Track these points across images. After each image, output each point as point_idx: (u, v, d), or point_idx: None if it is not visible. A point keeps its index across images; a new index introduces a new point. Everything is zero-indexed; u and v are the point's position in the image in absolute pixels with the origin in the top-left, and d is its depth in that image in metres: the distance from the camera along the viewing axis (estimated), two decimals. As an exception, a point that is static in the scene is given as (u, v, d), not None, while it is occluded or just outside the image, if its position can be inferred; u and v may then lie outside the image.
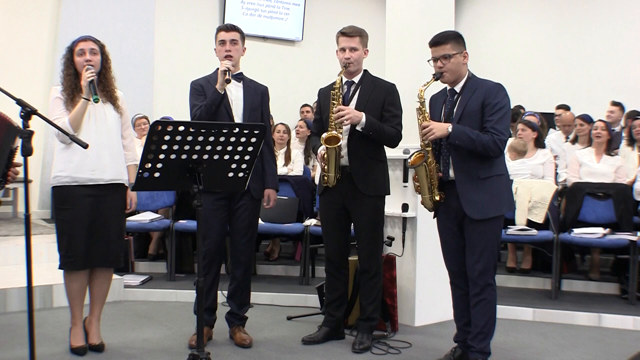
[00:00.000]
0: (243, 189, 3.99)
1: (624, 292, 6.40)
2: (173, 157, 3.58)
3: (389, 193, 5.01)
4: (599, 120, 7.26)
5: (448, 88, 4.41)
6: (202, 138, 3.59)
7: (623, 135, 7.88)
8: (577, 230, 6.37)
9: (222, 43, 4.85)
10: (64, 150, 4.56)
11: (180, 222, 6.95)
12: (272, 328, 5.45)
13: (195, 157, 3.64)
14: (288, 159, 7.94)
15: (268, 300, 6.27)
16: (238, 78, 4.93)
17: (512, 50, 12.20)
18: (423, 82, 4.34)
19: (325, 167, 4.79)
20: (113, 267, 4.85)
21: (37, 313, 3.89)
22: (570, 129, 8.37)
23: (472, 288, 4.32)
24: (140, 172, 3.61)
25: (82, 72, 4.55)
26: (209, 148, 3.64)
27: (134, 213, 7.18)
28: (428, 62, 4.36)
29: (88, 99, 4.47)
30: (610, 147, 7.14)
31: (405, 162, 4.39)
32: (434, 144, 4.34)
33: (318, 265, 6.96)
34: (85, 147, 3.87)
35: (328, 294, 5.14)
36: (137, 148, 7.92)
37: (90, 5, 9.80)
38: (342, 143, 4.76)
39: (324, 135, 4.75)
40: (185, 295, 6.23)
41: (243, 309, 5.05)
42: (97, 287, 4.80)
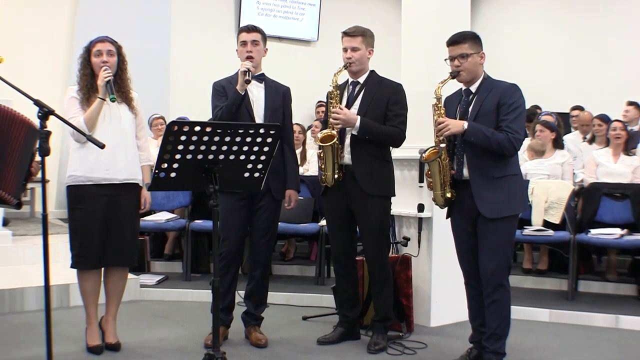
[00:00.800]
0: (259, 189, 4.00)
1: (642, 293, 6.36)
2: (189, 157, 3.59)
3: (394, 194, 4.98)
4: (617, 121, 7.23)
5: (463, 88, 4.40)
6: (218, 138, 3.60)
7: (641, 136, 7.83)
8: (594, 231, 6.34)
9: (243, 44, 4.85)
10: (79, 150, 4.58)
11: (196, 222, 6.97)
12: (287, 328, 5.45)
13: (211, 157, 3.64)
14: (304, 159, 7.94)
15: (283, 300, 6.27)
16: (259, 79, 4.93)
17: (527, 51, 12.15)
18: (439, 82, 4.33)
19: (323, 166, 4.79)
20: (127, 266, 4.88)
21: (54, 312, 3.91)
22: (588, 129, 8.32)
23: (484, 288, 4.30)
24: (157, 172, 3.62)
25: (98, 72, 4.57)
26: (225, 148, 3.65)
27: (149, 213, 7.20)
28: (445, 61, 4.35)
29: (104, 99, 4.49)
30: (628, 147, 7.10)
31: (420, 159, 4.38)
32: (448, 143, 4.34)
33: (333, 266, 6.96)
34: (102, 147, 3.89)
35: (339, 294, 5.15)
36: (153, 148, 8.00)
37: (107, 7, 9.83)
38: (346, 143, 4.78)
39: (319, 135, 4.77)
40: (201, 295, 6.24)
41: (259, 309, 5.05)
42: (112, 286, 4.82)
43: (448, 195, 4.36)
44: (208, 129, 3.56)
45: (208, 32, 11.36)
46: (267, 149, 3.78)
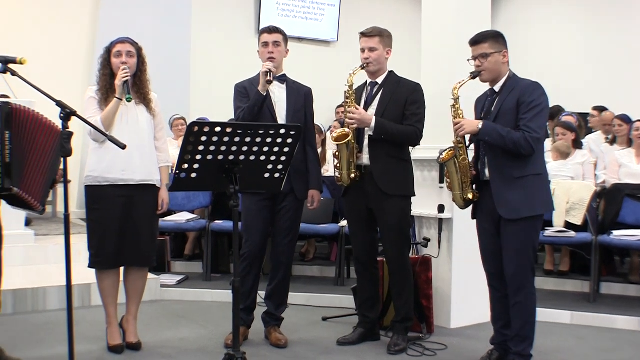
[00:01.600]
0: (279, 190, 4.01)
1: (665, 295, 6.32)
2: (210, 157, 3.60)
3: (414, 194, 4.97)
4: (639, 121, 7.17)
5: (489, 88, 4.38)
6: (238, 139, 3.61)
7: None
8: (616, 233, 6.28)
9: (265, 45, 4.86)
10: (97, 150, 4.61)
11: (217, 222, 6.98)
12: (307, 329, 5.46)
13: (232, 157, 3.65)
14: (324, 160, 7.94)
15: (303, 301, 6.27)
16: (281, 79, 4.94)
17: (550, 50, 12.09)
18: (457, 82, 4.32)
19: (338, 164, 4.79)
20: (145, 266, 4.89)
21: (75, 311, 3.92)
22: (610, 129, 8.26)
23: (509, 290, 4.28)
24: (177, 172, 3.63)
25: (117, 73, 4.60)
26: (246, 149, 3.66)
27: (170, 213, 7.23)
28: (468, 61, 4.34)
29: (121, 99, 4.51)
30: (651, 147, 7.04)
31: (437, 160, 4.37)
32: (474, 143, 4.31)
33: (353, 266, 6.94)
34: (124, 147, 3.91)
35: (360, 294, 5.14)
36: (174, 149, 8.03)
37: (128, 8, 9.88)
38: (364, 143, 4.79)
39: (334, 134, 4.78)
40: (221, 295, 6.25)
41: (280, 310, 5.06)
42: (131, 285, 4.84)
43: (469, 197, 4.34)
44: (228, 130, 3.57)
45: (228, 33, 11.39)
46: (287, 150, 3.78)
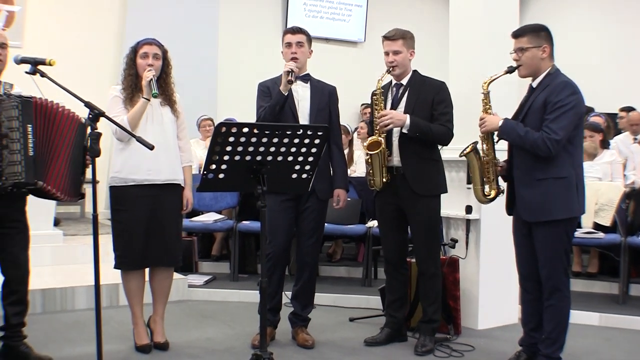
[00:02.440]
0: (306, 190, 4.01)
1: (695, 297, 6.24)
2: (237, 158, 3.61)
3: (446, 191, 4.96)
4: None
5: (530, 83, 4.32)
6: (266, 139, 3.61)
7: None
8: (646, 234, 6.23)
9: (288, 45, 4.87)
10: (122, 151, 4.63)
11: (244, 222, 7.00)
12: (334, 329, 5.45)
13: (259, 158, 3.65)
14: (351, 161, 7.94)
15: (330, 302, 6.27)
16: (305, 79, 4.95)
17: (578, 50, 11.94)
18: (491, 75, 4.29)
19: (371, 170, 4.79)
20: (171, 266, 4.91)
21: (103, 311, 3.96)
22: (638, 129, 8.17)
23: (543, 293, 4.24)
24: (205, 173, 3.64)
25: (142, 74, 4.63)
26: (273, 149, 3.66)
27: (197, 214, 7.26)
28: (510, 54, 4.28)
29: (148, 99, 4.54)
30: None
31: (460, 154, 4.36)
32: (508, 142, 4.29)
33: (380, 267, 6.89)
34: (151, 148, 3.94)
35: (388, 295, 5.12)
36: (201, 149, 8.08)
37: (155, 10, 9.95)
38: (394, 145, 4.79)
39: (366, 143, 4.78)
40: (248, 296, 6.27)
41: (306, 310, 5.06)
42: (157, 286, 4.87)
43: (491, 194, 4.32)
44: (256, 130, 3.58)
45: (255, 34, 11.41)
46: (314, 150, 3.78)
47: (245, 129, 3.55)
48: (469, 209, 5.41)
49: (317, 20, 12.00)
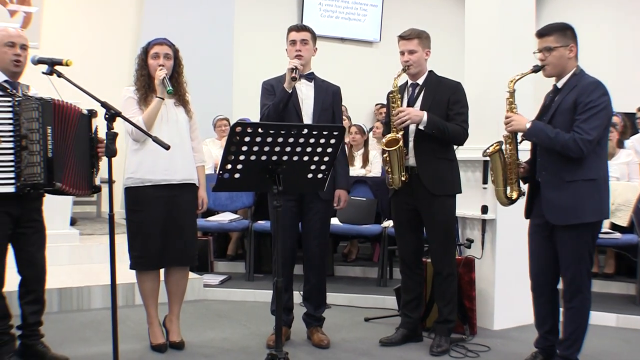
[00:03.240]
0: (322, 190, 4.00)
1: None
2: (253, 158, 3.61)
3: (460, 191, 4.94)
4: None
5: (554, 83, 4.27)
6: (281, 139, 3.60)
7: None
8: (663, 234, 6.18)
9: (292, 43, 4.87)
10: (137, 152, 4.64)
11: (259, 222, 7.00)
12: (349, 329, 5.44)
13: (275, 158, 3.65)
14: (366, 161, 7.93)
15: (346, 302, 6.27)
16: (309, 78, 4.94)
17: (595, 50, 11.88)
18: (503, 81, 4.27)
19: (389, 169, 4.78)
20: (187, 266, 4.93)
21: (119, 310, 3.97)
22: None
23: (564, 294, 4.20)
24: (221, 173, 3.64)
25: (154, 74, 4.64)
26: (289, 149, 3.65)
27: (212, 213, 7.28)
28: (534, 53, 4.24)
29: (162, 98, 4.56)
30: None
31: (486, 163, 4.33)
32: (532, 143, 4.26)
33: (396, 267, 6.90)
34: (167, 148, 3.95)
35: (404, 295, 5.11)
36: (217, 149, 8.09)
37: (171, 10, 9.97)
38: (410, 145, 4.78)
39: (384, 140, 4.77)
40: (264, 295, 6.27)
41: (319, 310, 5.05)
42: (174, 285, 4.88)
43: (513, 196, 4.29)
44: (272, 130, 3.57)
45: (271, 34, 11.39)
46: (330, 150, 3.77)
47: (261, 129, 3.56)
48: (485, 209, 5.40)
49: (332, 20, 12.01)
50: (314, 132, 3.68)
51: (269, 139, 3.58)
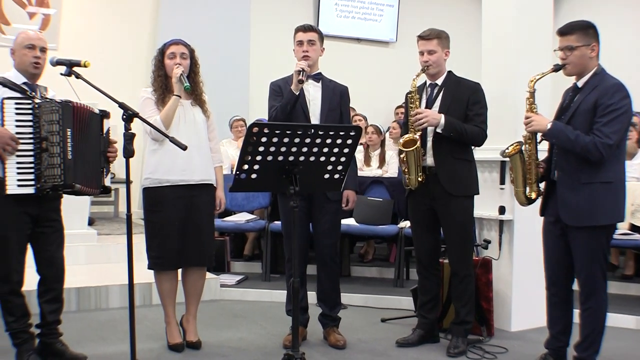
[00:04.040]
0: (339, 190, 4.01)
1: None
2: (269, 158, 3.62)
3: (478, 192, 4.93)
4: None
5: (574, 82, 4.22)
6: (298, 140, 3.61)
7: None
8: (683, 235, 6.13)
9: (299, 44, 4.87)
10: (155, 152, 4.67)
11: (276, 223, 7.00)
12: (366, 330, 5.44)
13: (292, 158, 3.66)
14: (382, 161, 7.92)
15: (362, 302, 6.26)
16: (316, 78, 4.94)
17: (615, 50, 11.80)
18: (521, 81, 4.25)
19: (406, 169, 4.78)
20: (206, 265, 4.94)
21: (137, 310, 4.00)
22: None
23: (579, 295, 4.18)
24: (237, 173, 3.65)
25: (171, 74, 4.66)
26: (305, 150, 3.66)
27: (229, 214, 7.29)
28: (554, 52, 4.21)
29: (179, 96, 4.58)
30: None
31: (503, 164, 4.30)
32: (548, 141, 4.24)
33: (412, 268, 6.88)
34: (184, 148, 3.96)
35: (421, 296, 5.10)
36: (233, 150, 8.10)
37: (188, 11, 10.01)
38: (428, 145, 4.77)
39: (401, 140, 4.77)
40: (280, 296, 6.25)
41: (335, 310, 5.04)
42: (191, 285, 4.89)
43: (532, 195, 4.27)
44: (288, 131, 3.58)
45: (287, 34, 11.36)
46: (347, 150, 3.78)
47: (278, 130, 3.56)
48: (502, 210, 5.38)
49: (348, 20, 12.00)
50: (331, 132, 3.69)
51: (286, 140, 3.59)
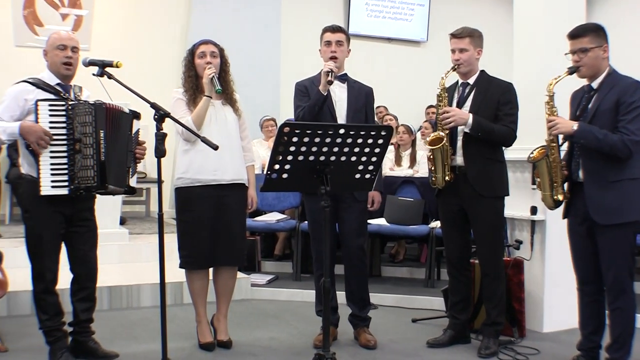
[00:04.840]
0: (370, 190, 4.01)
1: None
2: (301, 158, 3.62)
3: (508, 194, 4.89)
4: None
5: (586, 83, 4.24)
6: (329, 140, 3.61)
7: None
8: None
9: (327, 44, 4.87)
10: (187, 152, 4.69)
11: (306, 222, 6.99)
12: (396, 330, 5.43)
13: (323, 158, 3.66)
14: (413, 161, 7.90)
15: (393, 302, 6.25)
16: (342, 79, 4.94)
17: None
18: (553, 78, 4.22)
19: (432, 168, 4.76)
20: (236, 265, 4.96)
21: (168, 308, 4.01)
22: None
23: (607, 296, 4.16)
24: (269, 173, 3.66)
25: (202, 75, 4.69)
26: (336, 149, 3.66)
27: (259, 213, 7.31)
28: (565, 55, 4.21)
29: (210, 96, 4.59)
30: None
31: (528, 159, 4.28)
32: (568, 143, 4.21)
33: (443, 268, 6.86)
34: (216, 148, 3.98)
35: (451, 296, 5.08)
36: (264, 150, 8.12)
37: (219, 13, 10.05)
38: (458, 144, 4.75)
39: (428, 138, 4.75)
40: (311, 295, 6.22)
41: (364, 310, 5.04)
42: (222, 285, 4.91)
43: (559, 198, 4.24)
44: (319, 131, 3.58)
45: (317, 34, 11.37)
46: (378, 150, 3.77)
47: (309, 129, 3.56)
48: (534, 210, 5.34)
49: (379, 20, 11.96)
50: (362, 132, 3.68)
51: (317, 139, 3.59)
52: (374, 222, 6.86)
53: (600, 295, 4.30)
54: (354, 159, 3.74)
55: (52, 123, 4.07)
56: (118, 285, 6.02)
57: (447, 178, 4.74)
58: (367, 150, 3.74)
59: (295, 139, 3.55)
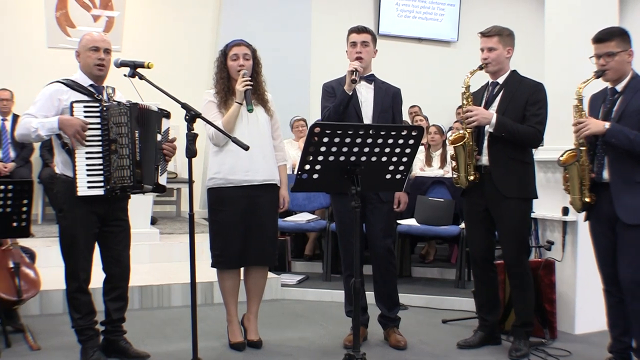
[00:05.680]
0: (400, 190, 4.00)
1: None
2: (331, 158, 3.62)
3: (536, 196, 4.85)
4: None
5: (609, 87, 4.24)
6: (359, 140, 3.61)
7: None
8: None
9: (353, 45, 4.88)
10: (218, 153, 4.72)
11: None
12: (426, 331, 5.41)
13: (353, 158, 3.66)
14: (444, 161, 7.87)
15: (423, 303, 6.23)
16: (369, 79, 4.93)
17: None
18: (581, 82, 4.20)
19: (455, 166, 4.74)
20: (267, 265, 4.98)
21: (198, 308, 4.04)
22: None
23: (625, 297, 4.13)
24: (299, 173, 3.67)
25: (235, 76, 4.71)
26: (367, 150, 3.66)
27: (290, 213, 7.32)
28: (590, 58, 4.21)
29: (241, 103, 4.60)
30: None
31: (558, 162, 4.26)
32: (589, 144, 4.19)
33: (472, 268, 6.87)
34: (247, 148, 3.99)
35: (477, 298, 5.07)
36: (294, 150, 8.14)
37: (249, 13, 10.08)
38: (484, 144, 4.73)
39: (451, 137, 4.73)
40: (341, 296, 6.23)
41: (393, 311, 5.03)
42: (252, 284, 4.93)
43: (587, 200, 4.22)
44: (350, 131, 3.58)
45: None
46: (408, 151, 3.77)
47: (340, 130, 3.57)
48: (566, 211, 5.30)
49: (409, 20, 11.93)
50: (392, 132, 3.68)
51: (348, 140, 3.59)
52: (404, 222, 6.84)
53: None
54: (385, 160, 3.74)
55: (87, 124, 4.11)
56: (149, 285, 6.07)
57: (471, 177, 4.71)
58: (397, 151, 3.74)
59: (326, 139, 3.56)
